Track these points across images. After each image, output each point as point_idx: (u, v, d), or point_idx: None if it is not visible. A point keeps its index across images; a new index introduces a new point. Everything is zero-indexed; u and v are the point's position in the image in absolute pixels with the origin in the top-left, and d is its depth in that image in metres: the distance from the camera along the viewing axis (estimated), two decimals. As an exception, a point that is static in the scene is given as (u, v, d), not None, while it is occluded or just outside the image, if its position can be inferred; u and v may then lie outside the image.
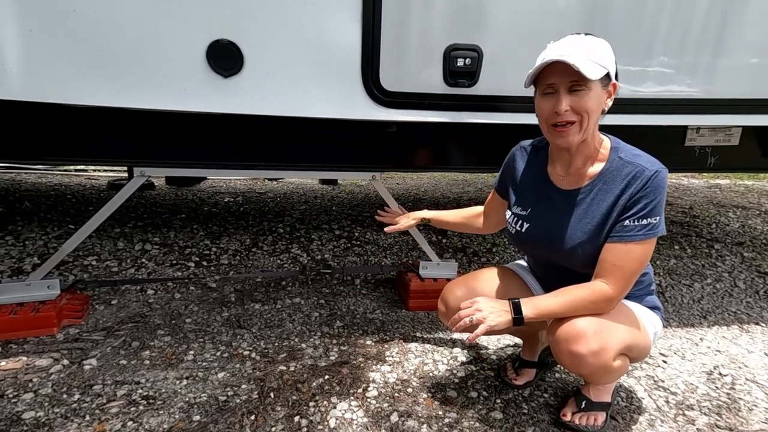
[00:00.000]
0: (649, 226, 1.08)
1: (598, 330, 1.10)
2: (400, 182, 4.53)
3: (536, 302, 1.14)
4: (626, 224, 1.09)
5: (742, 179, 5.34)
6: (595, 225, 1.13)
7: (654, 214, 1.08)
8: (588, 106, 1.06)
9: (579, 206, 1.16)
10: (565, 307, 1.12)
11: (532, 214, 1.24)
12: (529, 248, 1.30)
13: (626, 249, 1.09)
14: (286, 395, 1.38)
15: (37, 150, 1.67)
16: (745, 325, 1.97)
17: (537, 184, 1.25)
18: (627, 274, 1.10)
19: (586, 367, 1.11)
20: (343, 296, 2.05)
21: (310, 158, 1.84)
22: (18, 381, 1.38)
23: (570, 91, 1.06)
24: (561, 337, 1.12)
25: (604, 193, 1.13)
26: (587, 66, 1.02)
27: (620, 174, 1.11)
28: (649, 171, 1.07)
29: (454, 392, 1.44)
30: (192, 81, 1.39)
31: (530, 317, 1.13)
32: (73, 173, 4.11)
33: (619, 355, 1.14)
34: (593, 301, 1.11)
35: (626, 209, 1.09)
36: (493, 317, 1.13)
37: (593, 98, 1.06)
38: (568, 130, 1.08)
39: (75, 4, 1.27)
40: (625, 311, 1.19)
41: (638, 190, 1.08)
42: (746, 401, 1.47)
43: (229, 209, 3.19)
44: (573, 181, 1.18)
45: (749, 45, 1.67)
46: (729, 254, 2.78)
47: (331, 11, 1.39)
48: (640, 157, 1.11)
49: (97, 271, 2.13)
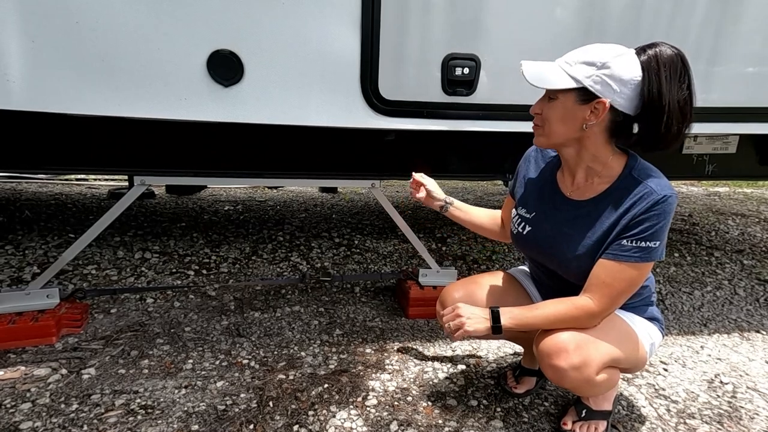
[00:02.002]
0: (647, 250, 1.03)
1: (581, 344, 1.08)
2: (399, 190, 4.54)
3: (516, 313, 1.13)
4: (623, 243, 1.05)
5: (741, 187, 5.35)
6: (595, 241, 1.09)
7: (654, 238, 1.03)
8: (549, 115, 1.06)
9: (583, 219, 1.12)
10: (545, 320, 1.11)
11: (536, 218, 1.21)
12: (528, 251, 1.29)
13: (619, 268, 1.05)
14: (285, 404, 1.37)
15: (39, 159, 1.68)
16: (746, 333, 1.97)
17: (544, 189, 1.22)
18: (615, 293, 1.07)
19: (569, 381, 1.10)
20: (342, 304, 2.04)
21: (309, 166, 1.86)
22: (16, 391, 1.37)
23: (548, 97, 1.07)
24: (543, 350, 1.11)
25: (611, 209, 1.08)
26: (546, 74, 1.02)
27: (629, 192, 1.06)
28: (657, 195, 1.02)
29: (454, 400, 1.43)
30: (193, 90, 1.40)
31: (509, 327, 1.12)
32: (73, 182, 4.12)
33: (604, 369, 1.12)
34: (575, 317, 1.09)
35: (627, 228, 1.05)
36: (471, 323, 1.13)
37: (558, 110, 1.05)
38: (536, 131, 1.12)
39: (77, 15, 1.29)
40: (616, 323, 1.17)
41: (642, 211, 1.03)
42: (748, 410, 1.46)
43: (229, 217, 3.19)
44: (581, 192, 1.15)
45: (745, 54, 1.69)
46: (729, 262, 2.78)
47: (330, 21, 1.41)
48: (653, 178, 1.05)
49: (97, 279, 2.13)
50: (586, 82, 0.99)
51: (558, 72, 1.02)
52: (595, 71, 0.98)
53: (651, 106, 0.98)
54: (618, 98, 0.99)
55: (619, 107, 1.00)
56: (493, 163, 1.90)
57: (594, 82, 0.99)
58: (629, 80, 0.98)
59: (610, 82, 0.98)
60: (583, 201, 1.14)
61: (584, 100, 1.01)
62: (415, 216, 3.45)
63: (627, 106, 1.00)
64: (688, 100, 0.99)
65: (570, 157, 1.12)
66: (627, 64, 0.98)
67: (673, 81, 0.97)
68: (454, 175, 1.99)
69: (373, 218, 3.37)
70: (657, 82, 0.96)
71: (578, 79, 1.00)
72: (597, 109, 1.01)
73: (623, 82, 0.98)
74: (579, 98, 1.02)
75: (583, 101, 1.02)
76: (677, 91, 0.97)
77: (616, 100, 0.99)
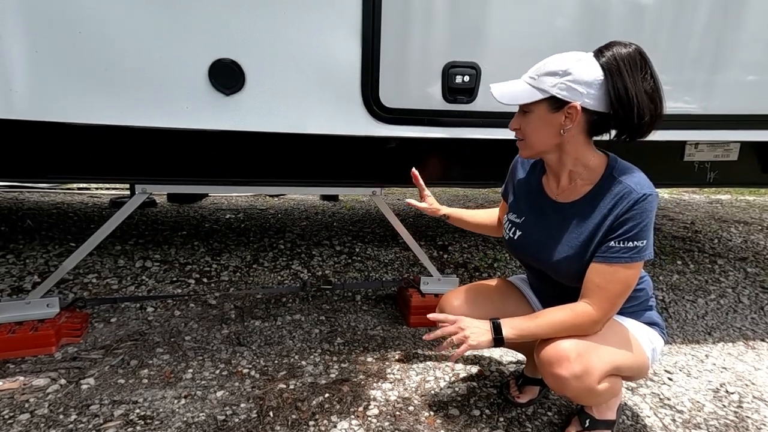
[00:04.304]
0: (635, 250, 1.05)
1: (582, 352, 1.07)
2: (400, 198, 4.54)
3: (518, 323, 1.13)
4: (611, 245, 1.07)
5: (743, 194, 5.34)
6: (582, 241, 1.12)
7: (640, 237, 1.05)
8: (527, 128, 1.11)
9: (568, 220, 1.15)
10: (547, 329, 1.11)
11: (525, 222, 1.25)
12: (520, 256, 1.31)
13: (611, 270, 1.07)
14: (285, 414, 1.36)
15: (42, 168, 1.69)
16: (751, 342, 1.95)
17: (532, 194, 1.26)
18: (611, 296, 1.08)
19: (570, 390, 1.09)
20: (343, 312, 2.03)
21: (310, 174, 1.86)
22: (14, 401, 1.36)
23: (523, 111, 1.12)
24: (544, 359, 1.10)
25: (593, 210, 1.11)
26: (515, 92, 1.09)
27: (610, 192, 1.09)
28: (637, 193, 1.05)
29: (456, 410, 1.41)
30: (195, 99, 1.40)
31: (511, 338, 1.12)
32: (75, 191, 4.13)
33: (606, 377, 1.11)
34: (576, 324, 1.09)
35: (612, 230, 1.07)
36: (474, 337, 1.12)
37: (534, 121, 1.09)
38: (519, 145, 1.17)
39: (80, 25, 1.30)
40: (616, 329, 1.16)
41: (624, 211, 1.05)
42: (754, 420, 1.44)
43: (230, 226, 3.19)
44: (566, 195, 1.18)
45: (746, 61, 1.69)
46: (732, 270, 2.77)
47: (331, 29, 1.42)
48: (632, 177, 1.09)
49: (97, 288, 2.12)
50: (552, 90, 1.04)
51: (525, 87, 1.08)
52: (559, 79, 1.03)
53: (620, 102, 1.02)
54: (587, 99, 1.03)
55: (590, 107, 1.04)
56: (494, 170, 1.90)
57: (560, 89, 1.03)
58: (593, 81, 1.02)
59: (575, 86, 1.03)
60: (568, 203, 1.17)
61: (556, 108, 1.06)
62: (416, 224, 3.45)
63: (598, 105, 1.04)
64: (654, 88, 1.04)
65: (553, 163, 1.16)
66: (587, 67, 1.03)
67: (635, 75, 1.02)
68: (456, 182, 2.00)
69: (374, 226, 3.37)
70: (620, 79, 1.01)
71: (545, 90, 1.05)
72: (571, 114, 1.05)
73: (588, 83, 1.02)
74: (551, 107, 1.06)
75: (555, 109, 1.06)
76: (642, 83, 1.02)
77: (585, 101, 1.03)
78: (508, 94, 1.10)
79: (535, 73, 1.08)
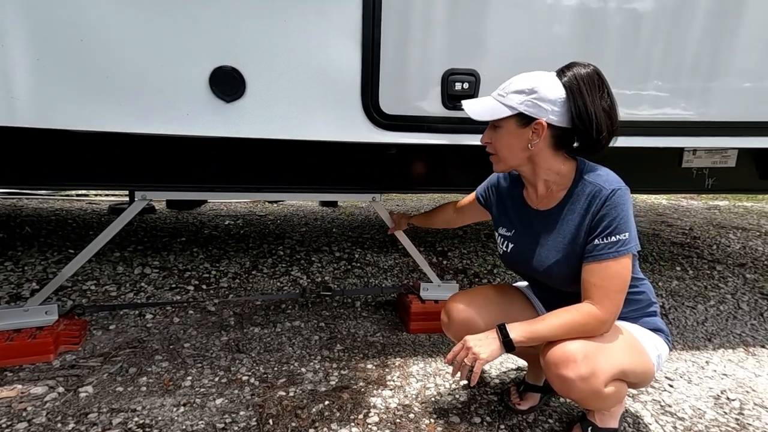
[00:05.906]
0: (619, 243, 1.09)
1: (589, 354, 1.07)
2: (400, 203, 4.55)
3: (525, 326, 1.13)
4: (596, 243, 1.11)
5: (741, 200, 5.36)
6: (567, 243, 1.17)
7: (620, 230, 1.09)
8: (498, 142, 1.18)
9: (552, 226, 1.21)
10: (555, 331, 1.11)
11: (516, 235, 1.30)
12: (515, 267, 1.35)
13: (602, 267, 1.10)
14: (285, 422, 1.35)
15: (41, 175, 1.68)
16: (751, 348, 1.94)
17: (517, 207, 1.32)
18: (610, 292, 1.10)
19: (576, 392, 1.09)
20: (343, 319, 2.03)
21: (310, 180, 1.86)
22: (12, 410, 1.35)
23: (494, 126, 1.18)
24: (551, 360, 1.10)
25: (572, 212, 1.17)
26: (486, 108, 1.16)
27: (583, 194, 1.15)
28: (606, 190, 1.11)
29: (456, 417, 1.41)
30: (195, 106, 1.41)
31: (519, 341, 1.12)
32: (74, 198, 4.13)
33: (612, 381, 1.11)
34: (583, 323, 1.10)
35: (592, 229, 1.12)
36: (484, 350, 1.13)
37: (504, 136, 1.16)
38: (492, 160, 1.23)
39: (82, 33, 1.30)
40: (622, 334, 1.17)
41: (598, 209, 1.11)
42: (756, 427, 1.44)
43: (229, 232, 3.19)
44: (545, 202, 1.24)
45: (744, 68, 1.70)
46: (731, 276, 2.77)
47: (331, 37, 1.42)
48: (600, 176, 1.15)
49: (96, 295, 2.11)
50: (520, 107, 1.11)
51: (495, 104, 1.15)
52: (526, 97, 1.10)
53: (581, 118, 1.09)
54: (552, 116, 1.10)
55: (555, 123, 1.11)
56: (494, 177, 1.90)
57: (527, 107, 1.10)
58: (556, 99, 1.09)
59: (540, 103, 1.09)
60: (548, 210, 1.23)
61: (524, 123, 1.13)
62: (415, 230, 3.45)
63: (561, 121, 1.11)
64: (611, 105, 1.12)
65: (528, 174, 1.22)
66: (551, 86, 1.10)
67: (594, 94, 1.09)
68: (455, 188, 2.00)
69: (374, 232, 3.37)
70: (581, 97, 1.08)
71: (513, 107, 1.12)
72: (537, 129, 1.12)
73: (552, 101, 1.09)
74: (519, 122, 1.13)
75: (523, 124, 1.13)
76: (600, 101, 1.10)
77: (550, 117, 1.10)
78: (480, 111, 1.18)
79: (503, 90, 1.15)
